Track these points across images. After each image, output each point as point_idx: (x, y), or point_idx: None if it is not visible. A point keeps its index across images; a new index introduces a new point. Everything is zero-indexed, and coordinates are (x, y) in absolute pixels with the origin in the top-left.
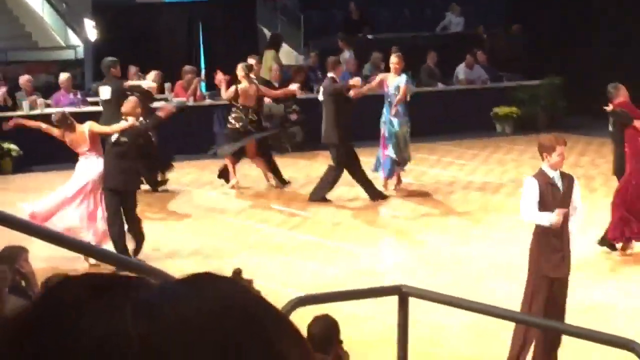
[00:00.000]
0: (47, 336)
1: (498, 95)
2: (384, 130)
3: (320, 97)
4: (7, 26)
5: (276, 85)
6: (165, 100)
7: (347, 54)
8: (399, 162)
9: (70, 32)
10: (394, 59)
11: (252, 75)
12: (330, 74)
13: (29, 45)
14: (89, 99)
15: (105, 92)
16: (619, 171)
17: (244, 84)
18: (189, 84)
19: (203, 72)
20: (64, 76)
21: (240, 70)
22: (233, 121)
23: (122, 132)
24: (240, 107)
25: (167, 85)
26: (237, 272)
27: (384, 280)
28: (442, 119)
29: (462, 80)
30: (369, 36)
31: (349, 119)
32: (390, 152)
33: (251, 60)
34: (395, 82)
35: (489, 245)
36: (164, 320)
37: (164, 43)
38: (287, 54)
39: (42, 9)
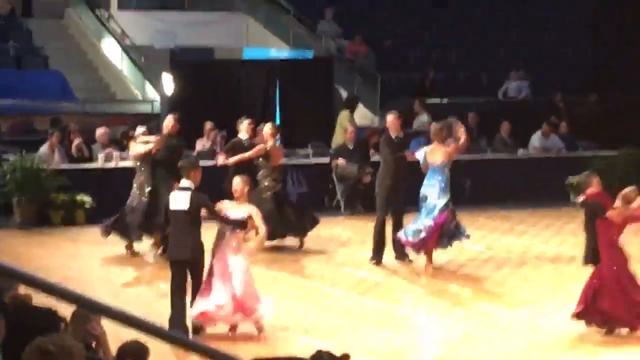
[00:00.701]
0: None
1: (574, 164)
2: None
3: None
4: (86, 77)
5: (350, 147)
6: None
7: (423, 117)
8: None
9: (148, 85)
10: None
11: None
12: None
13: (107, 97)
14: None
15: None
16: (592, 260)
17: (271, 143)
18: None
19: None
20: (140, 130)
21: (268, 129)
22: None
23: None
24: (271, 168)
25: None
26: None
27: (454, 350)
28: (516, 187)
29: (537, 149)
30: (445, 100)
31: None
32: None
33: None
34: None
35: (562, 316)
36: None
37: (240, 99)
38: (363, 115)
39: (121, 62)
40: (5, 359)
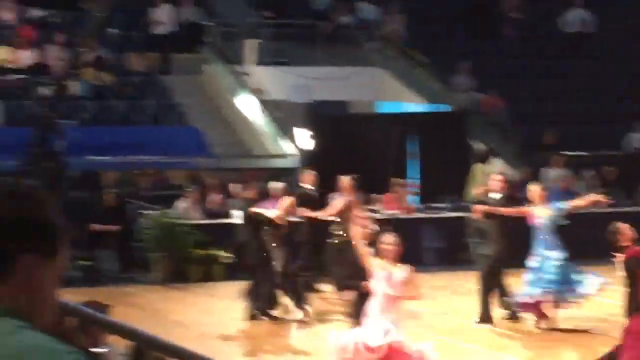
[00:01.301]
0: None
1: None
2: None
3: None
4: (222, 132)
5: (497, 197)
6: (375, 211)
7: (558, 171)
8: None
9: (283, 140)
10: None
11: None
12: None
13: (243, 153)
14: None
15: None
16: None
17: (350, 198)
18: (398, 196)
19: (413, 184)
20: (277, 185)
21: (346, 183)
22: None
23: None
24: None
25: (373, 197)
26: None
27: None
28: None
29: None
30: (583, 153)
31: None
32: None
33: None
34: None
35: None
36: None
37: (375, 153)
38: (498, 169)
39: (257, 117)
40: None
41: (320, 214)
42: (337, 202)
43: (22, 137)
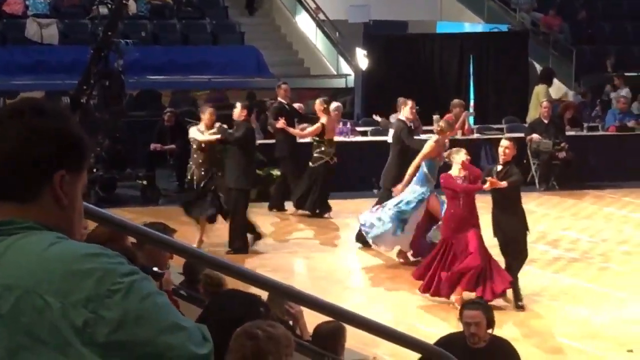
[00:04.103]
0: None
1: None
2: None
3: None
4: (281, 53)
5: (545, 121)
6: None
7: (622, 91)
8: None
9: (342, 60)
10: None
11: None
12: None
13: (301, 73)
14: (358, 129)
15: None
16: None
17: (324, 119)
18: (457, 117)
19: (472, 104)
20: (334, 106)
21: (319, 105)
22: (324, 156)
23: None
24: (326, 142)
25: (435, 117)
26: None
27: None
28: None
29: None
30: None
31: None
32: None
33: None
34: None
35: None
36: None
37: (434, 74)
38: (558, 89)
39: (315, 37)
40: None
41: (296, 132)
42: (317, 126)
43: (79, 57)
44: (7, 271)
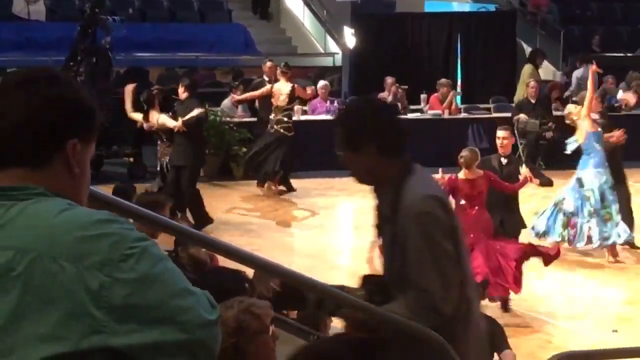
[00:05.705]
0: None
1: None
2: None
3: None
4: (269, 30)
5: (532, 101)
6: (421, 112)
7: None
8: None
9: (329, 39)
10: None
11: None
12: None
13: (289, 51)
14: None
15: None
16: None
17: (279, 84)
18: (444, 96)
19: (459, 84)
20: (321, 84)
21: (268, 66)
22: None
23: None
24: (274, 109)
25: (423, 96)
26: None
27: None
28: None
29: None
30: (629, 54)
31: None
32: None
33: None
34: None
35: None
36: None
37: (422, 53)
38: (545, 70)
39: (303, 15)
40: None
41: (245, 96)
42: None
43: (66, 33)
44: (21, 235)
